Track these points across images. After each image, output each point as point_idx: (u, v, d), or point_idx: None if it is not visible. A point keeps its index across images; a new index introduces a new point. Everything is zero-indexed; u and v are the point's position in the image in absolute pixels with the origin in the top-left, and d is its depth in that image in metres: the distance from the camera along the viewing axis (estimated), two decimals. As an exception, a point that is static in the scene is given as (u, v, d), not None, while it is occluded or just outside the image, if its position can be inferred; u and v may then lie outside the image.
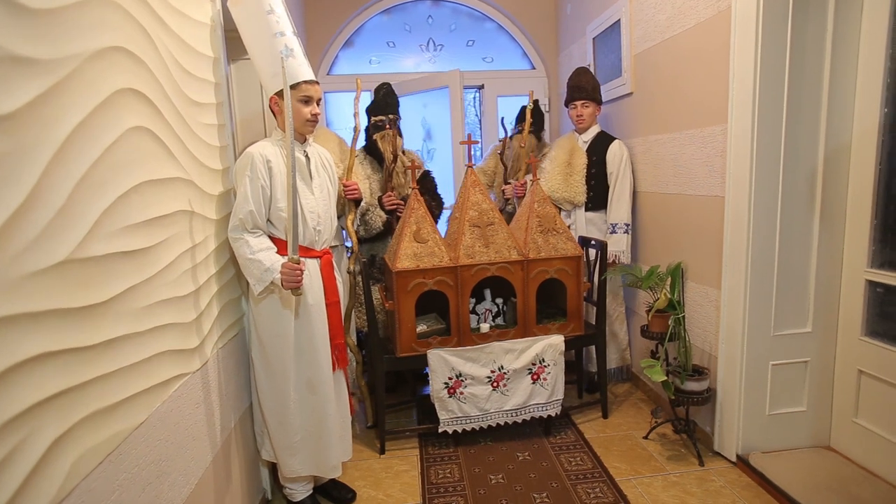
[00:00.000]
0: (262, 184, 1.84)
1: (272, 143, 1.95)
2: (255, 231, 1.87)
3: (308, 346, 1.98)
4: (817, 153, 2.18)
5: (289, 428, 1.99)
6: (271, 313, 1.93)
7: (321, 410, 2.02)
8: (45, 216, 0.95)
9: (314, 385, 2.00)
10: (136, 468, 1.23)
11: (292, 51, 1.88)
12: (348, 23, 4.15)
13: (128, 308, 1.21)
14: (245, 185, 1.82)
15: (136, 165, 1.28)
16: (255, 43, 1.91)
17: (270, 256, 1.85)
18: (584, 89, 3.03)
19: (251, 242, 1.83)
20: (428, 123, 4.21)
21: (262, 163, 1.84)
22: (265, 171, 1.84)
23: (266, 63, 1.90)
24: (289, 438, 2.00)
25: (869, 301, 2.16)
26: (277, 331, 1.94)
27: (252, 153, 1.84)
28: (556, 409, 2.63)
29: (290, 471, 2.04)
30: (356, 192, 2.59)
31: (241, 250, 1.84)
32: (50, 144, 0.97)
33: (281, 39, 1.87)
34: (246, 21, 1.90)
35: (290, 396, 1.97)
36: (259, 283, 1.84)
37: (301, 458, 2.03)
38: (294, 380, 1.97)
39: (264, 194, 1.85)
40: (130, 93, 1.26)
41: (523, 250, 2.59)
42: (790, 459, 2.25)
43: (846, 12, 2.09)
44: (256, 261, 1.82)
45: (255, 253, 1.82)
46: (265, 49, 1.88)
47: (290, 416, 1.98)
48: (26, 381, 0.89)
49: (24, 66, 0.91)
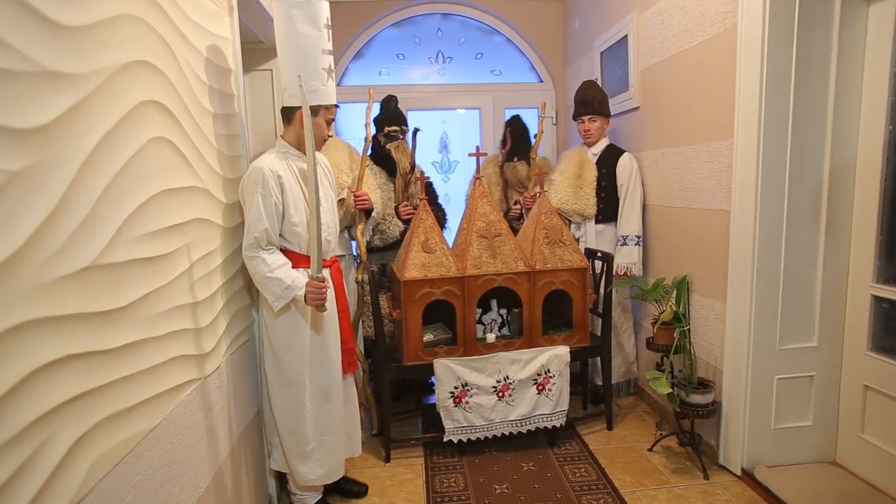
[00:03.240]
0: (274, 200, 1.83)
1: (278, 156, 1.92)
2: (269, 248, 1.86)
3: (322, 355, 2.01)
4: (823, 169, 2.20)
5: (302, 437, 2.00)
6: (286, 326, 1.93)
7: (334, 417, 2.06)
8: (71, 224, 0.98)
9: (328, 392, 2.03)
10: (150, 470, 1.25)
11: (332, 72, 1.91)
12: (359, 35, 4.22)
13: (145, 313, 1.24)
14: (258, 202, 1.80)
15: (156, 175, 1.32)
16: (300, 50, 1.84)
17: (290, 273, 1.84)
18: (591, 104, 3.06)
19: (268, 260, 1.82)
20: (447, 137, 4.40)
21: (273, 179, 1.82)
22: (277, 188, 1.83)
23: (311, 75, 1.86)
24: (301, 447, 2.01)
25: (874, 316, 2.17)
26: (293, 343, 1.94)
27: (262, 169, 1.82)
28: (560, 419, 2.64)
29: (303, 479, 2.05)
30: (367, 202, 2.62)
31: (258, 268, 1.82)
32: (78, 155, 1.01)
33: (327, 57, 1.88)
34: (298, 26, 1.82)
35: (306, 406, 1.99)
36: (279, 300, 1.82)
37: (313, 465, 2.04)
38: (309, 389, 1.99)
39: (277, 210, 1.84)
40: (152, 104, 1.31)
41: (530, 261, 2.61)
42: (795, 474, 2.25)
43: (850, 30, 2.12)
44: (276, 279, 1.81)
45: (273, 271, 1.81)
46: (312, 61, 1.85)
47: (305, 425, 1.99)
48: (50, 382, 0.92)
49: (55, 81, 0.95)
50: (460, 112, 4.42)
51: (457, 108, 4.40)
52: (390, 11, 4.20)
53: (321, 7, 1.85)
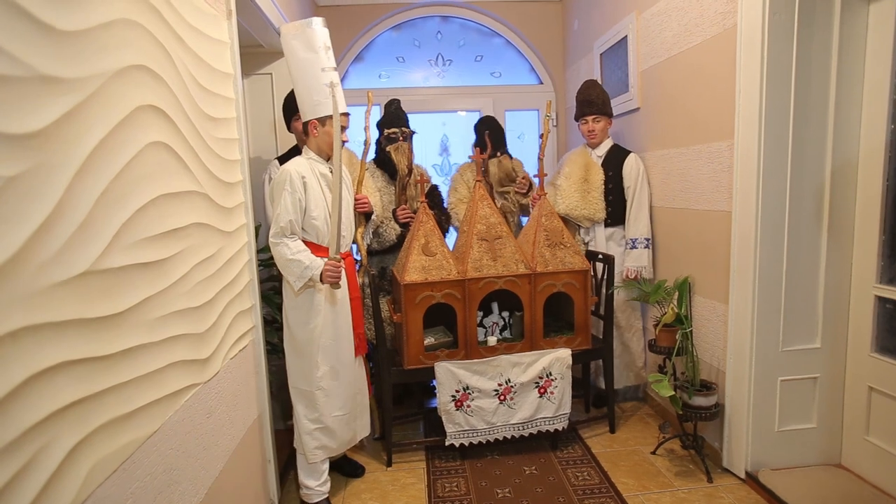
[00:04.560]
0: (299, 197, 2.11)
1: (305, 160, 2.22)
2: (293, 237, 2.13)
3: (334, 336, 2.23)
4: (824, 169, 2.19)
5: (315, 413, 2.21)
6: (303, 307, 2.18)
7: (343, 394, 2.27)
8: (68, 229, 0.98)
9: (338, 371, 2.25)
10: (149, 477, 1.24)
11: (337, 85, 2.14)
12: (359, 38, 4.22)
13: (143, 318, 1.24)
14: (285, 198, 2.09)
15: (154, 179, 1.32)
16: (304, 73, 2.14)
17: (309, 256, 2.10)
18: (595, 104, 2.98)
19: (290, 245, 2.10)
20: (448, 140, 4.38)
21: (298, 179, 2.11)
22: (301, 186, 2.12)
23: (312, 92, 2.14)
24: (314, 423, 2.22)
25: (878, 317, 2.15)
26: (308, 323, 2.18)
27: (290, 170, 2.12)
28: (562, 423, 2.63)
29: (313, 455, 2.23)
30: (366, 205, 2.62)
31: (281, 251, 2.09)
32: (74, 160, 1.00)
33: (328, 74, 2.14)
34: (297, 52, 2.13)
35: (319, 384, 2.20)
36: (299, 279, 2.08)
37: (323, 439, 2.24)
38: (321, 367, 2.20)
39: (301, 206, 2.13)
40: (150, 109, 1.30)
41: (531, 264, 2.60)
42: (800, 477, 2.23)
43: (851, 29, 2.11)
44: (296, 261, 2.07)
45: (294, 254, 2.08)
46: (312, 79, 2.13)
47: (316, 401, 2.21)
48: (47, 389, 0.91)
49: (51, 85, 0.95)
50: (461, 114, 4.42)
51: (457, 111, 4.40)
52: (389, 14, 4.21)
53: (316, 33, 2.12)
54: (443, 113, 4.35)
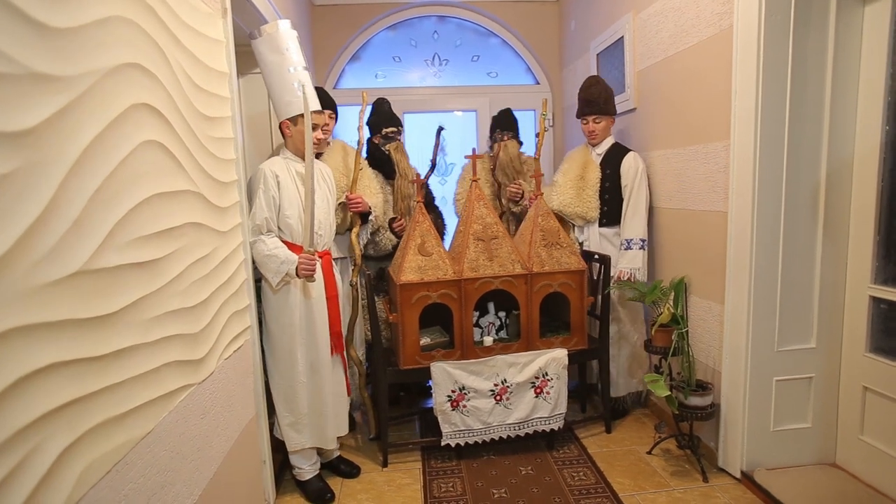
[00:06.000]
0: (273, 195, 2.18)
1: (281, 159, 2.28)
2: (269, 234, 2.20)
3: (310, 333, 2.28)
4: (820, 169, 2.20)
5: (294, 406, 2.29)
6: (279, 304, 2.24)
7: (321, 389, 2.32)
8: (60, 228, 0.97)
9: (316, 367, 2.31)
10: (142, 478, 1.23)
11: (304, 85, 2.18)
12: (355, 38, 4.21)
13: (137, 319, 1.23)
14: (259, 196, 2.16)
15: (148, 178, 1.30)
16: (272, 75, 2.20)
17: (285, 252, 2.17)
18: (596, 103, 2.91)
19: (267, 242, 2.16)
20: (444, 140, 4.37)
21: (271, 177, 2.19)
22: (275, 185, 2.19)
23: (283, 92, 2.20)
24: (294, 416, 2.30)
25: (873, 317, 2.16)
26: (285, 320, 2.24)
27: (264, 169, 2.19)
28: (558, 423, 2.62)
29: (295, 444, 2.32)
30: (360, 205, 2.61)
31: (258, 248, 2.14)
32: (67, 158, 0.99)
33: (294, 74, 2.18)
34: (264, 56, 2.19)
35: (297, 379, 2.27)
36: (276, 275, 2.15)
37: (304, 432, 2.33)
38: (300, 363, 2.27)
39: (274, 203, 2.19)
40: (144, 108, 1.29)
41: (527, 264, 2.60)
42: (795, 476, 2.24)
43: (847, 30, 2.12)
44: (273, 256, 2.14)
45: (271, 250, 2.15)
46: (281, 81, 2.19)
47: (296, 395, 2.28)
48: (39, 390, 0.90)
49: (43, 83, 0.94)
50: (457, 114, 4.42)
51: (453, 111, 4.40)
52: (386, 14, 4.20)
53: (279, 34, 2.16)
54: (439, 113, 4.34)
